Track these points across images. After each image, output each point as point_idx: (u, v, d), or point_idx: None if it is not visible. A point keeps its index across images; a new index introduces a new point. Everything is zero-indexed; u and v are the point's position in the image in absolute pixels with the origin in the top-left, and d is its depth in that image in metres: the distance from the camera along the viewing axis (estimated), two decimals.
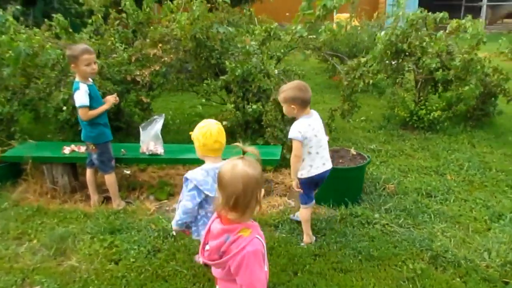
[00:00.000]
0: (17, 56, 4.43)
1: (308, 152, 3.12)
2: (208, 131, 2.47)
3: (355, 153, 4.30)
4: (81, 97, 3.62)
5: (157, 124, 4.06)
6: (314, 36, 5.43)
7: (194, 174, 2.49)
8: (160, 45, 5.08)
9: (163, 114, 4.13)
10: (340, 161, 4.19)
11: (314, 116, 3.15)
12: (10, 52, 4.49)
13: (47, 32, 5.66)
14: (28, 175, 4.42)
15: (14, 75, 4.77)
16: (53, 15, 4.71)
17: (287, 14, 7.71)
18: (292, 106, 3.03)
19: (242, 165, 1.75)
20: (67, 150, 4.29)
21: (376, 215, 3.78)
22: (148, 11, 5.66)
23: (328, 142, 3.34)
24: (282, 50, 5.53)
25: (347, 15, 10.34)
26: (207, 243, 1.85)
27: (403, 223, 3.70)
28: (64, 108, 4.42)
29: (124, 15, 5.58)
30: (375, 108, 7.12)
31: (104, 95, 4.44)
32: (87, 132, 3.83)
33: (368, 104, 7.17)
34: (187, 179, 2.51)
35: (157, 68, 5.06)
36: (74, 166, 4.44)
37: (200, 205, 2.55)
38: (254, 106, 4.69)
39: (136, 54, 5.15)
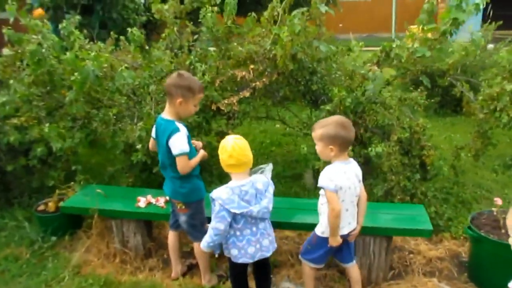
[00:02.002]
0: (85, 78, 3.54)
1: None
2: (223, 146, 2.52)
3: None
4: (182, 142, 2.72)
5: (265, 175, 3.07)
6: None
7: (219, 193, 2.47)
8: (252, 66, 4.11)
9: (271, 163, 3.14)
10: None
11: (352, 164, 2.64)
12: (76, 74, 3.60)
13: (111, 47, 4.85)
14: (92, 229, 3.54)
15: (77, 100, 3.89)
16: (128, 29, 3.81)
17: (340, 25, 6.58)
18: (331, 146, 2.50)
19: None
20: (142, 202, 3.35)
21: None
22: (230, 24, 4.70)
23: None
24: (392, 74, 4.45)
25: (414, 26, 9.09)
26: None
27: None
28: (139, 146, 3.48)
29: (203, 29, 4.64)
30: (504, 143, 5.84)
31: None
32: (176, 187, 2.88)
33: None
34: (213, 198, 2.47)
35: (247, 94, 4.09)
36: (149, 222, 3.51)
37: (229, 224, 2.49)
38: (379, 149, 3.62)
39: (220, 77, 4.21)
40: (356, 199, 2.65)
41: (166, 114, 2.81)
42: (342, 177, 2.52)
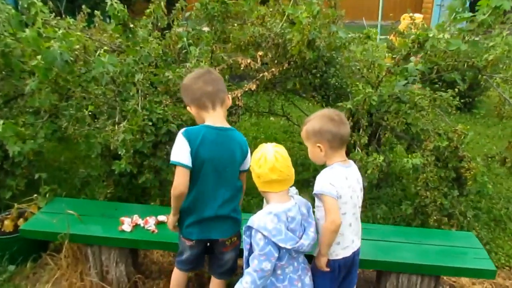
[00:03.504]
0: (50, 63, 2.74)
1: None
2: (262, 158, 1.95)
3: None
4: None
5: None
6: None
7: (262, 222, 1.89)
8: (260, 53, 3.39)
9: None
10: None
11: (352, 168, 2.15)
12: (39, 57, 2.79)
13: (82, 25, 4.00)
14: (61, 253, 2.80)
15: (40, 89, 3.09)
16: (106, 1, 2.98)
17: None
18: (318, 144, 2.05)
19: None
20: (127, 225, 2.63)
21: None
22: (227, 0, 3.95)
23: None
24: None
25: (419, 15, 8.51)
26: None
27: None
28: (122, 153, 2.73)
29: (197, 4, 3.85)
30: None
31: (179, 127, 2.88)
32: (238, 215, 2.27)
33: None
34: (250, 228, 1.92)
35: (253, 87, 3.39)
36: (135, 250, 2.80)
37: None
38: (417, 160, 3.00)
39: (219, 65, 3.48)
40: (358, 211, 2.16)
41: (221, 121, 2.16)
42: (343, 184, 2.05)
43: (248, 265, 2.00)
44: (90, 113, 2.93)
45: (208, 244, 2.28)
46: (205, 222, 2.18)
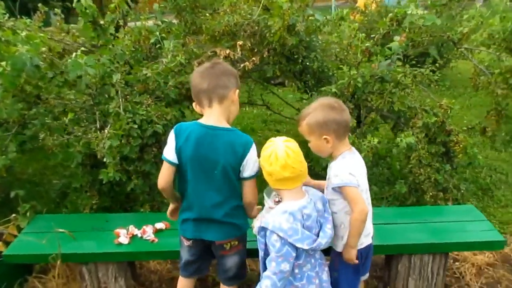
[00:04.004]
0: (19, 70, 2.49)
1: None
2: (272, 154, 1.82)
3: None
4: (257, 158, 1.98)
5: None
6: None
7: (277, 222, 1.79)
8: (240, 43, 3.25)
9: None
10: None
11: (357, 154, 2.07)
12: (3, 63, 2.53)
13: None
14: (48, 274, 2.60)
15: (6, 99, 2.82)
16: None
17: None
18: (325, 136, 1.94)
19: None
20: (123, 237, 2.44)
21: None
22: None
23: None
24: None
25: None
26: None
27: None
28: (109, 160, 2.53)
29: None
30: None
31: (164, 127, 2.72)
32: (235, 219, 2.07)
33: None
34: (265, 229, 1.82)
35: None
36: (132, 261, 2.62)
37: None
38: (410, 139, 2.97)
39: (196, 58, 3.32)
40: (369, 196, 2.09)
41: (214, 120, 1.97)
42: (360, 171, 2.00)
43: (264, 265, 1.90)
44: (67, 120, 2.69)
45: (208, 246, 2.15)
46: (198, 222, 2.06)
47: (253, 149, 1.96)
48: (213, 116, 1.97)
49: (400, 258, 2.47)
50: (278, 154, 1.81)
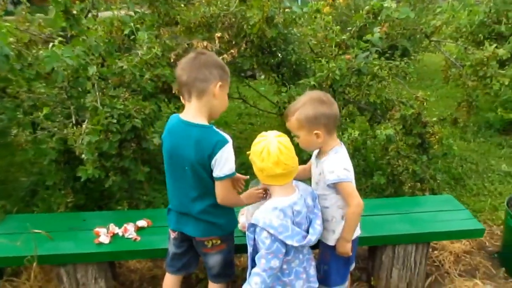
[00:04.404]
0: None
1: None
2: (264, 150, 1.76)
3: None
4: (232, 158, 1.86)
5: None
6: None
7: (267, 219, 1.75)
8: (218, 35, 3.18)
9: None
10: None
11: (344, 147, 2.04)
12: None
13: None
14: (21, 277, 2.48)
15: None
16: None
17: None
18: (316, 132, 1.90)
19: None
20: (104, 236, 2.35)
21: None
22: None
23: None
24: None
25: None
26: None
27: None
28: (86, 157, 2.42)
29: None
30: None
31: (143, 121, 2.65)
32: (212, 217, 1.97)
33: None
34: (254, 225, 1.78)
35: None
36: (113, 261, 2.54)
37: None
38: (389, 131, 3.00)
39: (175, 49, 3.22)
40: None
41: (191, 115, 1.88)
42: (351, 165, 1.99)
43: (252, 261, 1.87)
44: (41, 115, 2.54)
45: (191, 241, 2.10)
46: (179, 215, 2.02)
47: (225, 149, 1.82)
48: (191, 111, 1.89)
49: (384, 248, 2.50)
50: (270, 150, 1.76)
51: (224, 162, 1.83)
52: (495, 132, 4.72)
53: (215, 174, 1.86)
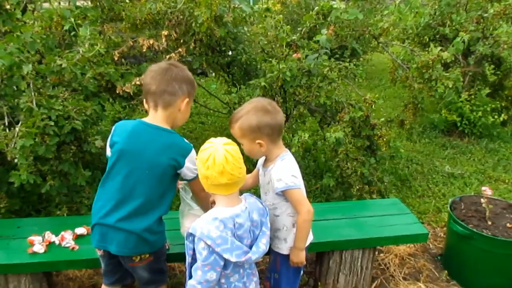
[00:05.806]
0: None
1: None
2: (210, 158, 1.68)
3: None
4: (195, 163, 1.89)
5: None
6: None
7: (206, 229, 1.66)
8: (165, 33, 3.07)
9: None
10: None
11: (290, 154, 2.01)
12: None
13: None
14: None
15: None
16: None
17: None
18: (258, 141, 1.87)
19: None
20: (38, 245, 2.21)
21: None
22: None
23: None
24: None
25: None
26: None
27: None
28: (20, 162, 2.26)
29: None
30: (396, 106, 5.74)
31: (84, 123, 2.52)
32: (149, 235, 1.88)
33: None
34: (192, 235, 1.69)
35: None
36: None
37: None
38: (339, 134, 3.01)
39: (119, 47, 3.09)
40: None
41: (157, 122, 1.89)
42: (299, 171, 1.95)
43: (190, 272, 1.79)
44: None
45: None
46: (105, 230, 1.88)
47: (193, 153, 1.89)
48: (157, 118, 1.90)
49: (331, 254, 2.50)
50: (216, 159, 1.67)
51: (194, 162, 1.86)
52: (439, 133, 4.89)
53: (190, 175, 1.91)
